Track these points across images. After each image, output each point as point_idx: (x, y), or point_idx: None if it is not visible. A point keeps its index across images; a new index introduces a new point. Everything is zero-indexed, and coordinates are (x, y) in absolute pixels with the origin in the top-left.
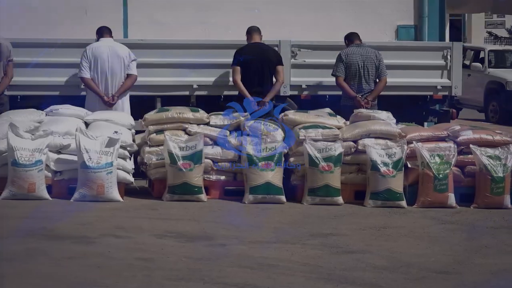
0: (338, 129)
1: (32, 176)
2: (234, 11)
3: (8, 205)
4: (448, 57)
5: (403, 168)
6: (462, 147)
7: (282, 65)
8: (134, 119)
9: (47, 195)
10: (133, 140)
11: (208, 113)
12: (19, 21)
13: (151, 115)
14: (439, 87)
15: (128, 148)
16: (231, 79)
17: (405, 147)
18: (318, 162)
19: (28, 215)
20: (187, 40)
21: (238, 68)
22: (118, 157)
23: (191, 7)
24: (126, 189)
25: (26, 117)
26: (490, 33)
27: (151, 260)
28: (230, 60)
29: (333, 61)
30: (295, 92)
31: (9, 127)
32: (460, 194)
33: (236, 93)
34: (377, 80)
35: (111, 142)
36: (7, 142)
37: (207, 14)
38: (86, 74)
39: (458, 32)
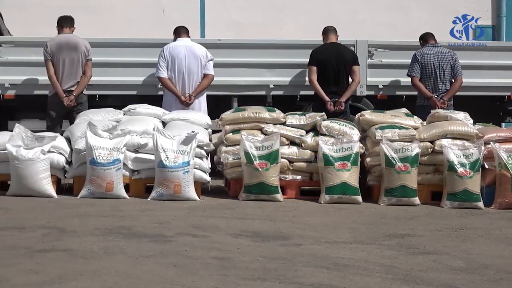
0: (415, 129)
1: (110, 175)
2: (310, 11)
3: (86, 204)
4: None
5: (480, 169)
6: None
7: (358, 65)
8: (211, 119)
9: (124, 194)
10: (210, 140)
11: (284, 113)
12: (98, 21)
13: (227, 115)
14: None
15: (205, 148)
16: (307, 79)
17: (483, 147)
18: (394, 163)
19: (106, 213)
20: (264, 40)
21: (315, 68)
22: (195, 156)
23: (267, 7)
24: (202, 188)
25: (104, 116)
26: None
27: (227, 259)
28: (306, 60)
29: (410, 61)
30: (372, 92)
31: (87, 126)
32: None
33: (312, 93)
34: (453, 80)
35: (188, 142)
36: (85, 141)
37: (283, 14)
38: (164, 74)
39: None
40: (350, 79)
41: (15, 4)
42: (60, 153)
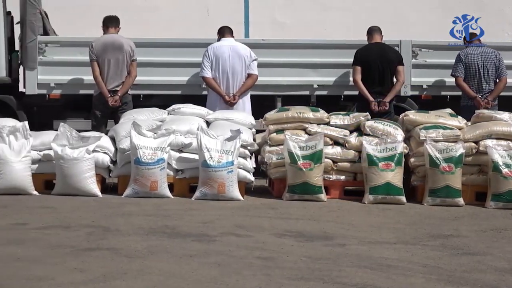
0: (459, 129)
1: (154, 174)
2: (354, 11)
3: (130, 203)
4: None
5: None
6: None
7: (403, 65)
8: (255, 119)
9: (169, 193)
10: (254, 140)
11: (328, 113)
12: (142, 21)
13: (271, 115)
14: None
15: (249, 147)
16: (351, 79)
17: None
18: (438, 163)
19: (150, 213)
20: (308, 40)
21: (359, 68)
22: (239, 156)
23: (311, 7)
24: (246, 188)
25: (148, 116)
26: None
27: (271, 259)
28: (350, 60)
29: (454, 61)
30: (416, 92)
31: (132, 125)
32: None
33: (356, 93)
34: (497, 80)
35: (232, 141)
36: (130, 141)
37: (327, 14)
38: (208, 74)
39: None
40: (394, 79)
41: (60, 4)
42: (105, 153)
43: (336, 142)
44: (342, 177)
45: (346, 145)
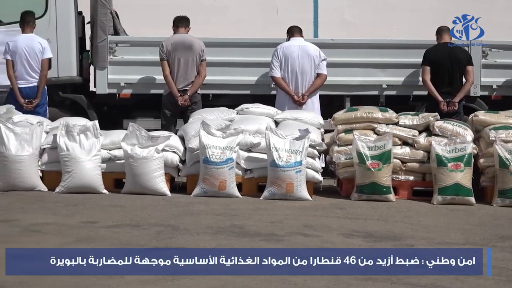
0: None
1: (223, 174)
2: (423, 11)
3: (199, 202)
4: None
5: None
6: None
7: (472, 65)
8: (323, 118)
9: (237, 193)
10: (322, 139)
11: (397, 113)
12: (211, 21)
13: (340, 115)
14: None
15: (317, 147)
16: (420, 79)
17: None
18: (508, 164)
19: (218, 212)
20: (377, 40)
21: (428, 68)
22: (307, 156)
23: (380, 7)
24: (314, 188)
25: (217, 115)
26: None
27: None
28: (419, 60)
29: None
30: (486, 93)
31: (201, 125)
32: None
33: (425, 93)
34: None
35: (300, 141)
36: (199, 140)
37: (396, 14)
38: (277, 73)
39: None
40: (463, 79)
41: (131, 4)
42: (174, 152)
43: (405, 142)
44: (411, 178)
45: (415, 145)
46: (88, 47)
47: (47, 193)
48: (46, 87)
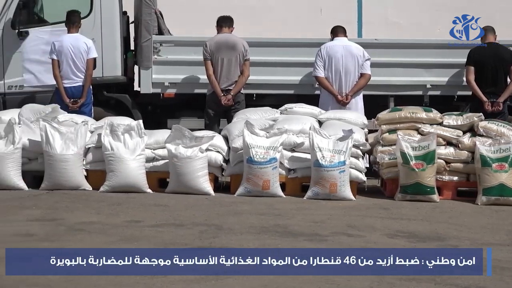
0: None
1: (267, 173)
2: (467, 10)
3: (243, 202)
4: None
5: None
6: None
7: None
8: (367, 118)
9: (280, 193)
10: (366, 139)
11: (441, 113)
12: (255, 21)
13: (384, 115)
14: None
15: (361, 147)
16: (464, 79)
17: None
18: None
19: (262, 211)
20: (421, 40)
21: (472, 68)
22: (351, 156)
23: (424, 7)
24: (358, 188)
25: (261, 115)
26: None
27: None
28: (464, 60)
29: None
30: None
31: (245, 125)
32: None
33: (469, 93)
34: None
35: (344, 141)
36: (243, 140)
37: (440, 13)
38: (321, 73)
39: None
40: (508, 79)
41: (175, 4)
42: (218, 152)
43: (449, 143)
44: (455, 178)
45: (459, 145)
46: (132, 47)
47: (91, 192)
48: (91, 86)
